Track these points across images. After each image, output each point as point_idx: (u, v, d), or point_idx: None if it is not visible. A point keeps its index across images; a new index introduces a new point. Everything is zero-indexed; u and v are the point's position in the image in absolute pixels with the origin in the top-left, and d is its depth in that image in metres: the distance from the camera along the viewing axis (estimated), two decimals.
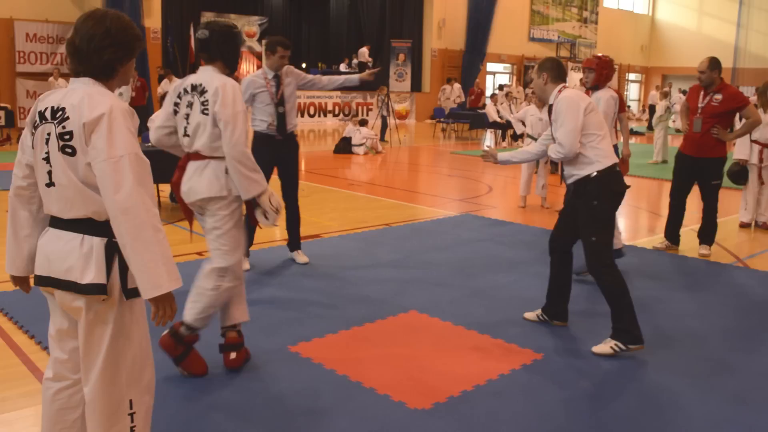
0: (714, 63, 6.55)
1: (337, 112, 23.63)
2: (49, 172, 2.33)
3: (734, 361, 4.15)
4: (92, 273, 2.29)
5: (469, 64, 27.18)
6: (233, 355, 3.80)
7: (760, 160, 7.80)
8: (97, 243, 2.31)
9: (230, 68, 3.79)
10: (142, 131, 8.95)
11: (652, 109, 32.19)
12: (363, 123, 15.33)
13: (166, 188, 8.94)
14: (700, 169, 6.66)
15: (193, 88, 3.67)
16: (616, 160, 4.31)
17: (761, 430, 3.32)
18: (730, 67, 33.64)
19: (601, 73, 6.02)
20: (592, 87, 6.07)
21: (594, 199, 4.21)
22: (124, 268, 2.32)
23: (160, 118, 3.87)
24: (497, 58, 28.61)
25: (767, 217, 7.99)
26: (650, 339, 4.29)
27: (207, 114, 3.60)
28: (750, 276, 6.07)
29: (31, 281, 2.55)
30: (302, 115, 22.82)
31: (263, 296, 5.12)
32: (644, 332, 4.18)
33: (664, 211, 7.22)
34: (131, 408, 2.44)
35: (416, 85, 26.56)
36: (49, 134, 2.31)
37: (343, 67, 25.39)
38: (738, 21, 33.79)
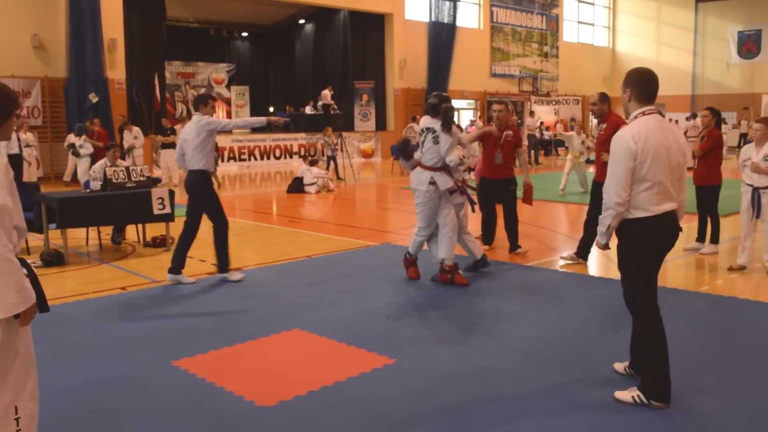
0: (603, 96, 7.34)
1: (303, 153, 24.35)
2: None
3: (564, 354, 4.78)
4: None
5: None
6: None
7: None
8: None
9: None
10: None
11: None
12: (313, 163, 16.03)
13: (108, 230, 9.56)
14: (600, 192, 7.38)
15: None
16: (655, 211, 3.91)
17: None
18: (690, 94, 34.86)
19: None
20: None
21: (622, 245, 4.05)
22: None
23: None
24: (460, 95, 29.53)
25: None
26: (509, 344, 4.91)
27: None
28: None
29: None
30: (268, 158, 23.59)
31: (163, 319, 5.72)
32: (494, 336, 4.79)
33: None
34: (17, 413, 2.85)
35: (381, 124, 27.44)
36: None
37: (308, 110, 26.22)
38: (694, 49, 35.05)
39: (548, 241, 9.41)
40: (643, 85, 3.97)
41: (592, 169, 16.07)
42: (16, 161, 14.82)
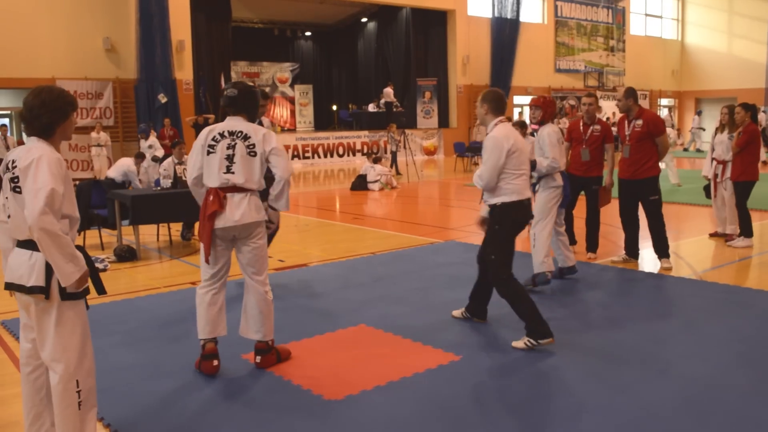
0: (629, 92, 7.22)
1: (366, 151, 24.50)
2: (5, 207, 3.21)
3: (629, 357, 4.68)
4: (34, 278, 3.10)
5: None
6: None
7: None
8: (40, 257, 3.09)
9: (252, 120, 4.60)
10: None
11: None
12: (377, 161, 16.10)
13: (178, 226, 9.80)
14: (637, 189, 7.24)
15: (231, 133, 4.40)
16: (524, 196, 4.98)
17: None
18: (764, 87, 33.62)
19: (547, 110, 6.61)
20: (539, 123, 6.67)
21: (495, 224, 4.99)
22: None
23: (194, 168, 4.48)
24: (524, 91, 29.20)
25: (731, 229, 8.51)
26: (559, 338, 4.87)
27: (254, 155, 4.37)
28: (688, 286, 6.55)
29: None
30: (332, 155, 23.84)
31: (232, 314, 5.81)
32: (563, 334, 4.75)
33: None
34: (78, 386, 3.19)
35: (443, 122, 27.38)
36: (9, 179, 3.17)
37: (371, 107, 26.34)
38: None
39: (616, 238, 9.23)
40: (497, 102, 5.07)
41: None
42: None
